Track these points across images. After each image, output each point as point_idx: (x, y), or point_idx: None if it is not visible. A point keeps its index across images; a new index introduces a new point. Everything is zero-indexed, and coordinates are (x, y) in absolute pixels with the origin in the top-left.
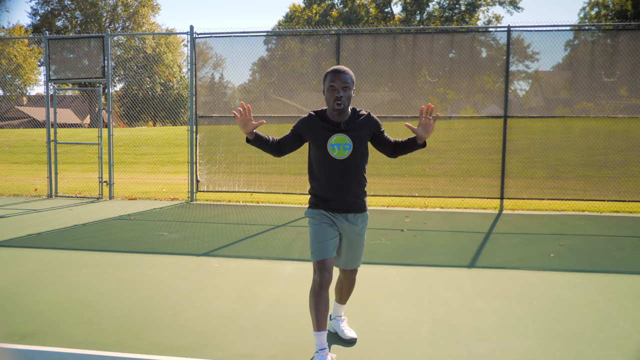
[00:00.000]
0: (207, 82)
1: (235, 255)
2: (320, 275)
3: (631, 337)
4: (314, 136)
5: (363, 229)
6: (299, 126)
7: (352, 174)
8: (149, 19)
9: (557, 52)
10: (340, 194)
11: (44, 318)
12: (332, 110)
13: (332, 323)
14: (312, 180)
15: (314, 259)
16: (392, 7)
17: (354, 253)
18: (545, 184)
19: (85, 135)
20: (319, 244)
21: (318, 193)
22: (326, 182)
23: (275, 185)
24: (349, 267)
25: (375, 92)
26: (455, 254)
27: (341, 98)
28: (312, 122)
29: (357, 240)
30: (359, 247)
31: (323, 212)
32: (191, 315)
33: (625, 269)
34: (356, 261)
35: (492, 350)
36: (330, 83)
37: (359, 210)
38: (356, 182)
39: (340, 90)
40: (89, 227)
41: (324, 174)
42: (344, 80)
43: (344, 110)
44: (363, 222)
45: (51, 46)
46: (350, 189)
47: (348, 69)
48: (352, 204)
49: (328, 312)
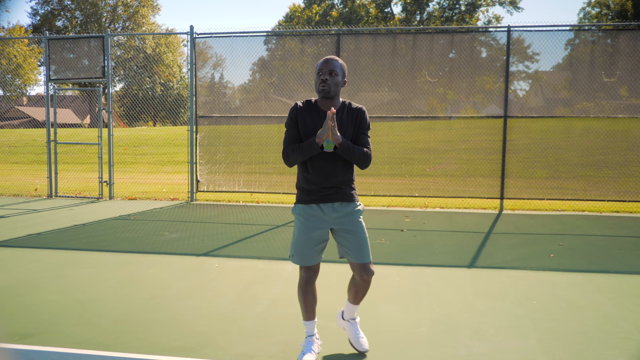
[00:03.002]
0: (207, 82)
1: (235, 255)
2: (305, 273)
3: (631, 337)
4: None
5: (355, 216)
6: (295, 113)
7: (339, 164)
8: (149, 19)
9: (557, 52)
10: (327, 182)
11: (44, 318)
12: (318, 92)
13: (346, 326)
14: (300, 170)
15: (296, 263)
16: (392, 7)
17: (355, 242)
18: (545, 184)
19: (85, 135)
20: (302, 255)
21: (303, 185)
22: (313, 171)
23: (275, 185)
24: (358, 260)
25: (375, 92)
26: (455, 254)
27: (326, 81)
28: (304, 109)
29: (353, 229)
30: (358, 236)
31: (309, 210)
32: (191, 315)
33: (625, 269)
34: (362, 253)
35: (492, 350)
36: (319, 68)
37: (347, 199)
38: (342, 171)
39: (326, 74)
40: (89, 227)
41: (311, 163)
42: (331, 65)
43: (328, 93)
44: (353, 209)
45: (51, 46)
46: (336, 178)
47: (338, 59)
48: (339, 192)
49: (315, 303)
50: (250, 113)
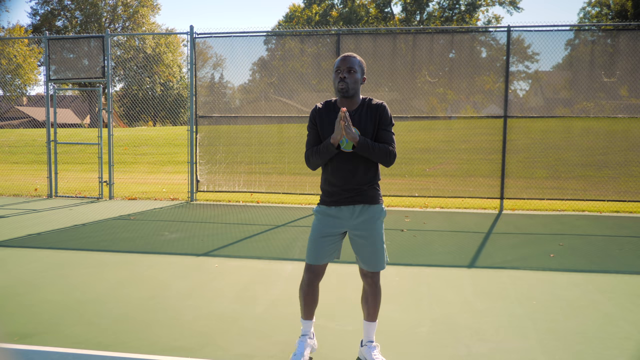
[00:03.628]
0: (207, 82)
1: (235, 255)
2: (308, 275)
3: (631, 337)
4: (324, 125)
5: (374, 223)
6: (314, 115)
7: (359, 164)
8: (149, 19)
9: (557, 52)
10: (347, 184)
11: (44, 318)
12: (337, 91)
13: (363, 351)
14: (322, 171)
15: (306, 259)
16: (392, 7)
17: (368, 250)
18: (545, 184)
19: (85, 135)
20: (313, 252)
21: (325, 186)
22: (333, 172)
23: (275, 185)
24: (366, 267)
25: (375, 92)
26: (455, 254)
27: (345, 79)
28: (323, 110)
29: (369, 235)
30: (372, 244)
31: (328, 210)
32: (191, 315)
33: (625, 269)
34: (374, 262)
35: (492, 350)
36: (337, 67)
37: (369, 201)
38: (363, 171)
39: (344, 72)
40: (89, 227)
41: (332, 164)
42: (349, 62)
43: (347, 92)
44: (373, 215)
45: (51, 46)
46: (357, 178)
47: (357, 55)
48: (361, 194)
49: (315, 304)
50: (250, 113)
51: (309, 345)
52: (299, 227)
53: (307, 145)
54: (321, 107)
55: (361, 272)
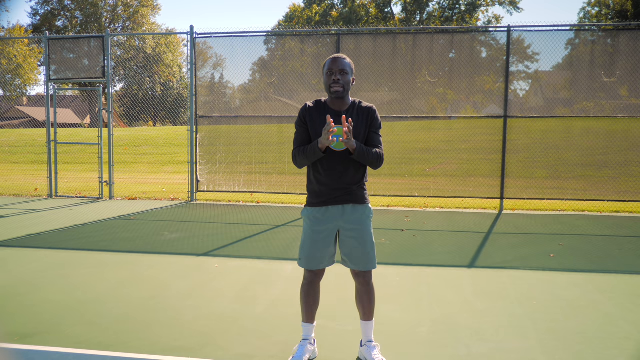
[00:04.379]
0: (207, 82)
1: (235, 255)
2: (309, 275)
3: (631, 337)
4: (315, 125)
5: (364, 222)
6: (304, 114)
7: (351, 165)
8: (149, 19)
9: (557, 52)
10: (337, 183)
11: (44, 318)
12: (330, 94)
13: (363, 351)
14: (311, 170)
15: (302, 266)
16: (392, 7)
17: (358, 250)
18: (545, 184)
19: (85, 135)
20: (307, 258)
21: (314, 186)
22: (324, 172)
23: (275, 185)
24: (359, 268)
25: (375, 92)
26: (455, 254)
27: (338, 81)
28: (313, 110)
29: (358, 235)
30: (363, 243)
31: (317, 213)
32: (191, 315)
33: (625, 269)
34: (366, 261)
35: (492, 350)
36: (328, 68)
37: (357, 201)
38: (354, 172)
39: (337, 74)
40: (89, 227)
41: (321, 163)
42: (341, 64)
43: (341, 94)
44: (362, 214)
45: (51, 46)
46: (347, 178)
47: (346, 56)
48: (349, 194)
49: (316, 306)
50: (250, 113)
51: (309, 351)
52: (299, 227)
53: (294, 143)
54: (312, 105)
55: (353, 273)
